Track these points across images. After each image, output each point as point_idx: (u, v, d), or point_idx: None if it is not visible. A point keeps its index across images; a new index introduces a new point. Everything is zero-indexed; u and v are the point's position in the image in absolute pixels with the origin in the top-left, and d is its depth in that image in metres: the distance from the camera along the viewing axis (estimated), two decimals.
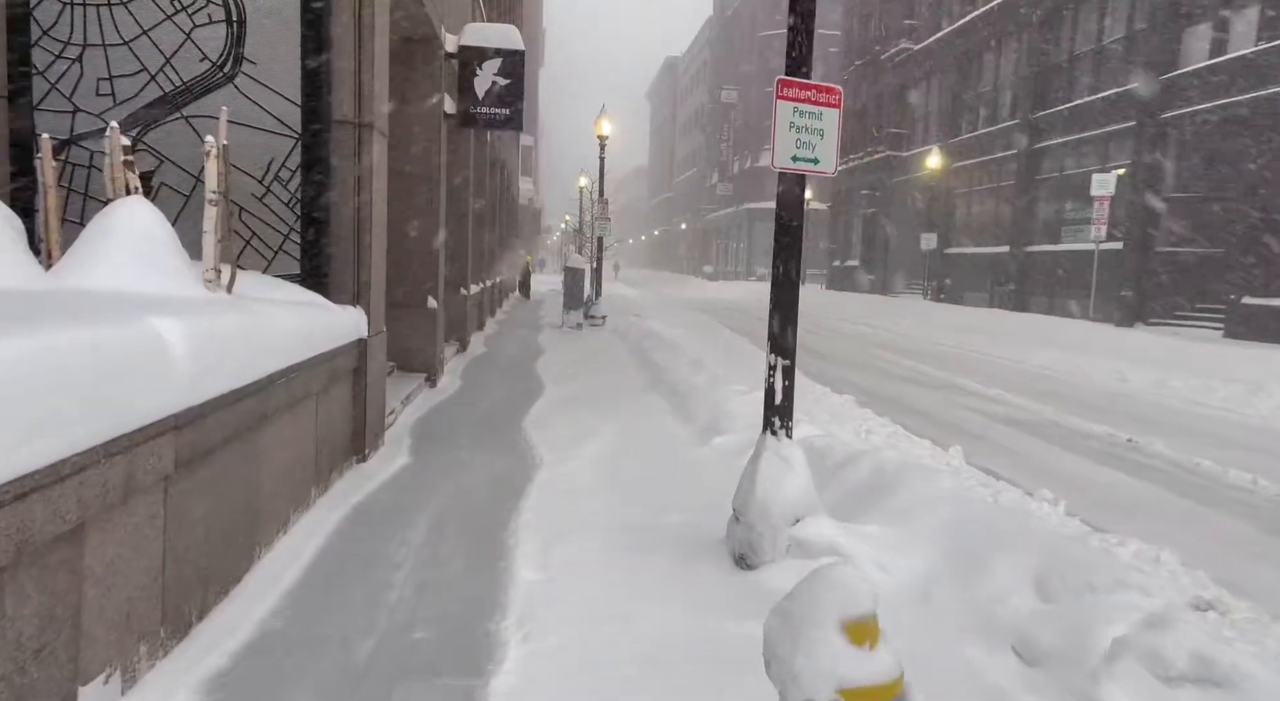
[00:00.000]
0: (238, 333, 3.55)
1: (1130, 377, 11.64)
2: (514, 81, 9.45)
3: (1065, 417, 8.93)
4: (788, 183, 4.02)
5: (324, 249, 5.58)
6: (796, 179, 4.04)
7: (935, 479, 4.77)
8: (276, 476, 4.12)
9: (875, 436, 7.34)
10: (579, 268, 18.31)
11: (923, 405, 9.50)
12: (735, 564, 4.14)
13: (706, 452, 6.61)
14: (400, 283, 9.24)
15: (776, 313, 4.12)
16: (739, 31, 64.21)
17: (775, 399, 4.15)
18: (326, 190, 5.57)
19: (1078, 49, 22.24)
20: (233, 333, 3.50)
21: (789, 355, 4.13)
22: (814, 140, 4.01)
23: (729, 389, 8.34)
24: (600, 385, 9.85)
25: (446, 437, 6.98)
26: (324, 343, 4.88)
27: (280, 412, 4.11)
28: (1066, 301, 21.75)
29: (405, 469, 5.91)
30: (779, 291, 4.10)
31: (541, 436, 7.04)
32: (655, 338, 14.09)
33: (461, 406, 8.43)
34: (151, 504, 2.76)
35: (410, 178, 9.26)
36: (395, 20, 8.22)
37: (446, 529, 4.64)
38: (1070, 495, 5.51)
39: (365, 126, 5.73)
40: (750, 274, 58.41)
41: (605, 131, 19.01)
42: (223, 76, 5.27)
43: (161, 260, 3.90)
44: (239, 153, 5.29)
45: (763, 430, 4.22)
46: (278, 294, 4.84)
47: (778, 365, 4.13)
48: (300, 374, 4.36)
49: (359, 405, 5.80)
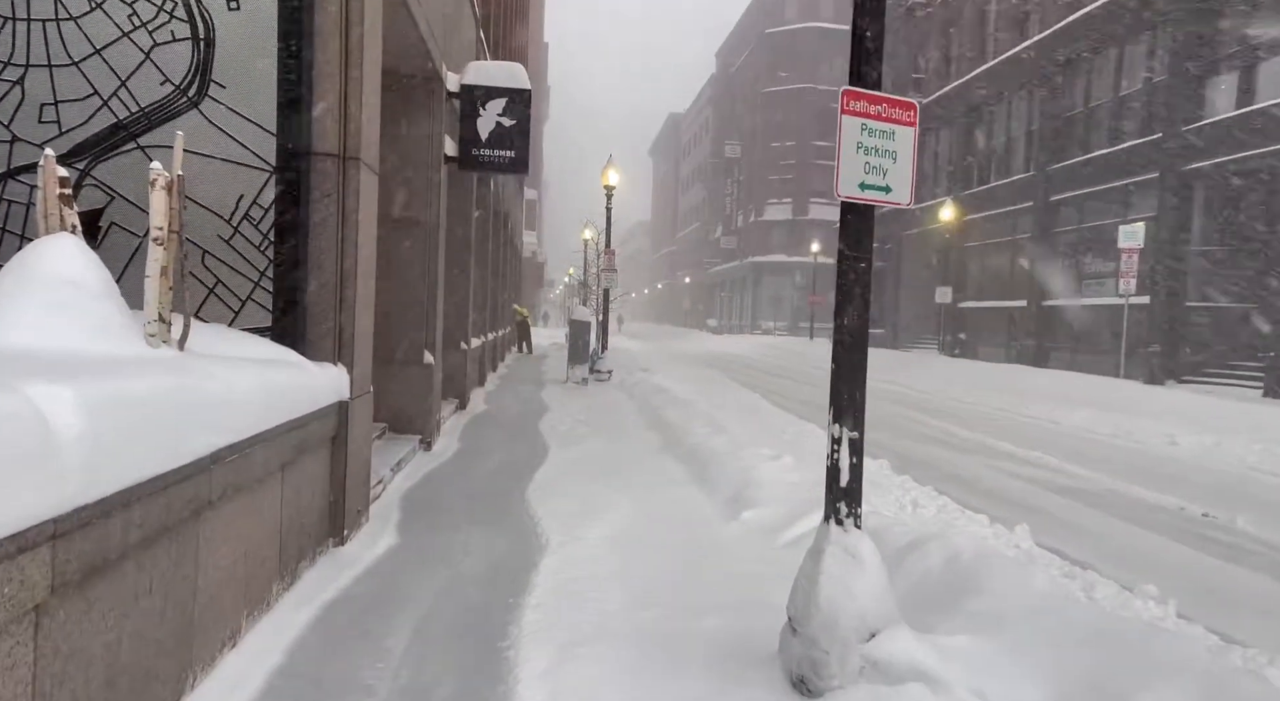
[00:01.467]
0: (168, 401, 2.79)
1: (1180, 440, 10.81)
2: (519, 122, 8.84)
3: (1123, 486, 8.10)
4: (853, 216, 3.29)
5: (300, 298, 4.85)
6: (863, 212, 3.31)
7: (1024, 575, 3.95)
8: (222, 577, 3.32)
9: (923, 509, 6.52)
10: (584, 320, 17.60)
11: (963, 471, 8.67)
12: (793, 687, 3.31)
13: (736, 530, 5.80)
14: (393, 336, 8.51)
15: (840, 374, 3.35)
16: (742, 87, 64.66)
17: (840, 479, 3.36)
18: (305, 232, 4.85)
19: (1095, 100, 21.83)
20: (160, 401, 2.74)
21: (857, 426, 3.35)
22: (885, 164, 3.29)
23: (753, 453, 7.55)
24: (609, 448, 9.05)
25: (440, 511, 6.16)
26: (293, 407, 4.12)
27: (230, 497, 3.32)
28: (1088, 357, 20.99)
29: (390, 553, 5.09)
30: (843, 348, 3.34)
31: (547, 510, 6.22)
32: (665, 394, 13.32)
33: (459, 473, 7.62)
34: (9, 649, 1.97)
35: (407, 223, 8.59)
36: (393, 55, 7.62)
37: (434, 637, 3.81)
38: (1169, 587, 4.68)
39: (351, 160, 5.04)
40: (755, 328, 57.83)
41: (612, 181, 18.47)
42: (187, 101, 4.59)
43: (88, 310, 3.17)
44: (204, 187, 4.59)
45: (824, 518, 3.42)
46: (243, 350, 4.10)
47: (843, 438, 3.35)
48: (259, 447, 3.58)
49: (338, 479, 5.01)
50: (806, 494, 6.21)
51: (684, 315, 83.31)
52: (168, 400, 2.81)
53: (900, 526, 5.09)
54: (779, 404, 14.18)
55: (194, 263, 4.58)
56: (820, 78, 56.65)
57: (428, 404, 8.69)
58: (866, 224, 3.32)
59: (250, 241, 4.73)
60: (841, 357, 3.36)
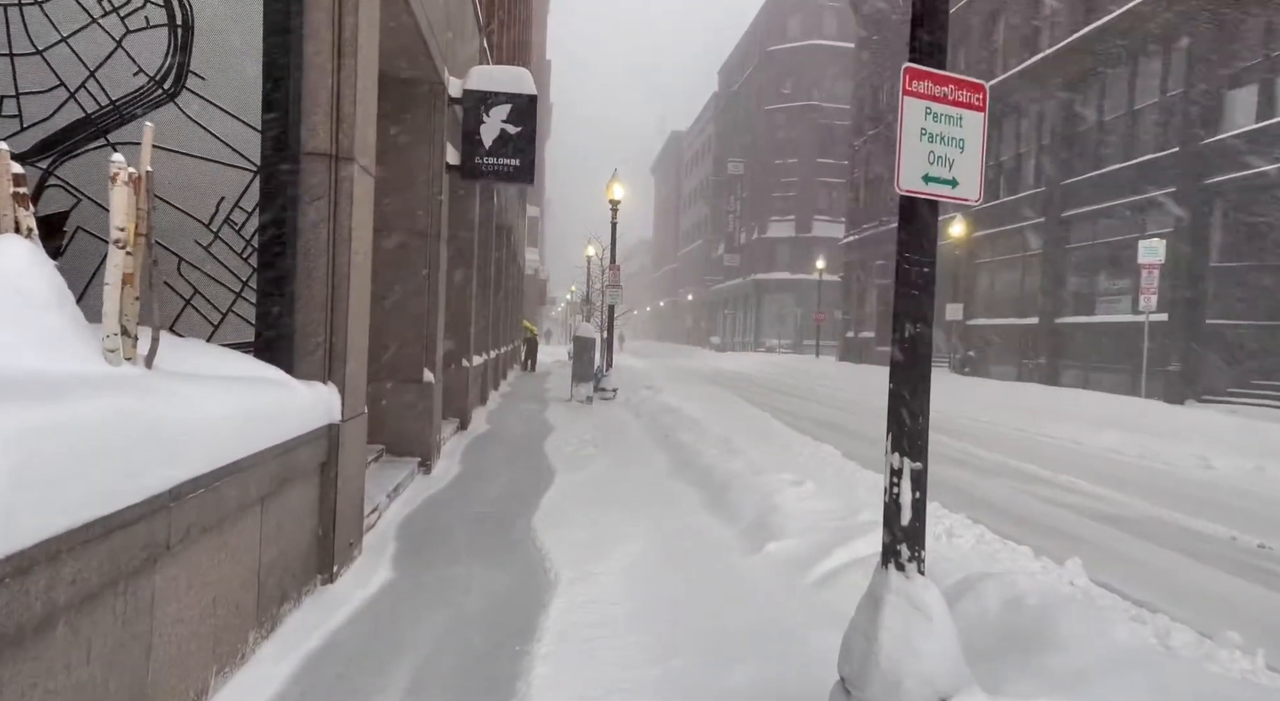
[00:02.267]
0: (118, 429, 2.36)
1: (1214, 463, 10.33)
2: (525, 129, 8.44)
3: (1165, 512, 7.62)
4: (916, 214, 2.86)
5: (287, 311, 4.42)
6: (927, 209, 2.87)
7: (1101, 623, 3.49)
8: (186, 632, 2.86)
9: (959, 539, 6.04)
10: (589, 337, 17.17)
11: (993, 496, 8.20)
12: None
13: (760, 563, 5.34)
14: (391, 353, 8.07)
15: (900, 394, 2.91)
16: (744, 105, 64.52)
17: (901, 517, 2.90)
18: (293, 238, 4.43)
19: (1108, 113, 21.47)
20: (107, 429, 2.30)
21: (920, 455, 2.90)
22: (951, 154, 2.87)
23: (773, 478, 7.09)
24: (618, 471, 8.59)
25: (440, 542, 5.70)
26: (277, 432, 3.68)
27: (194, 539, 2.88)
28: (1103, 375, 20.51)
29: (385, 591, 4.62)
30: (903, 363, 2.90)
31: (555, 540, 5.76)
32: (674, 413, 12.87)
33: (460, 499, 7.16)
34: None
35: (407, 234, 8.17)
36: (391, 54, 7.24)
37: (432, 694, 3.34)
38: (1247, 632, 4.21)
39: (345, 160, 4.62)
40: (759, 345, 57.37)
41: (617, 195, 18.08)
42: (162, 93, 4.18)
43: (35, 323, 2.76)
44: (180, 188, 4.17)
45: (882, 562, 2.96)
46: (221, 367, 3.66)
47: (904, 470, 2.90)
48: (233, 480, 3.14)
49: (327, 509, 4.55)
50: (834, 524, 5.76)
51: (686, 333, 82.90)
52: (118, 428, 2.37)
53: (945, 562, 4.64)
54: (790, 424, 13.71)
55: (168, 271, 4.15)
56: (823, 95, 56.52)
57: (427, 424, 8.24)
58: (930, 222, 2.89)
59: (232, 248, 4.30)
60: (901, 374, 2.92)
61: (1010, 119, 25.84)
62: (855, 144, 39.42)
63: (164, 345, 3.34)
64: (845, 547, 5.23)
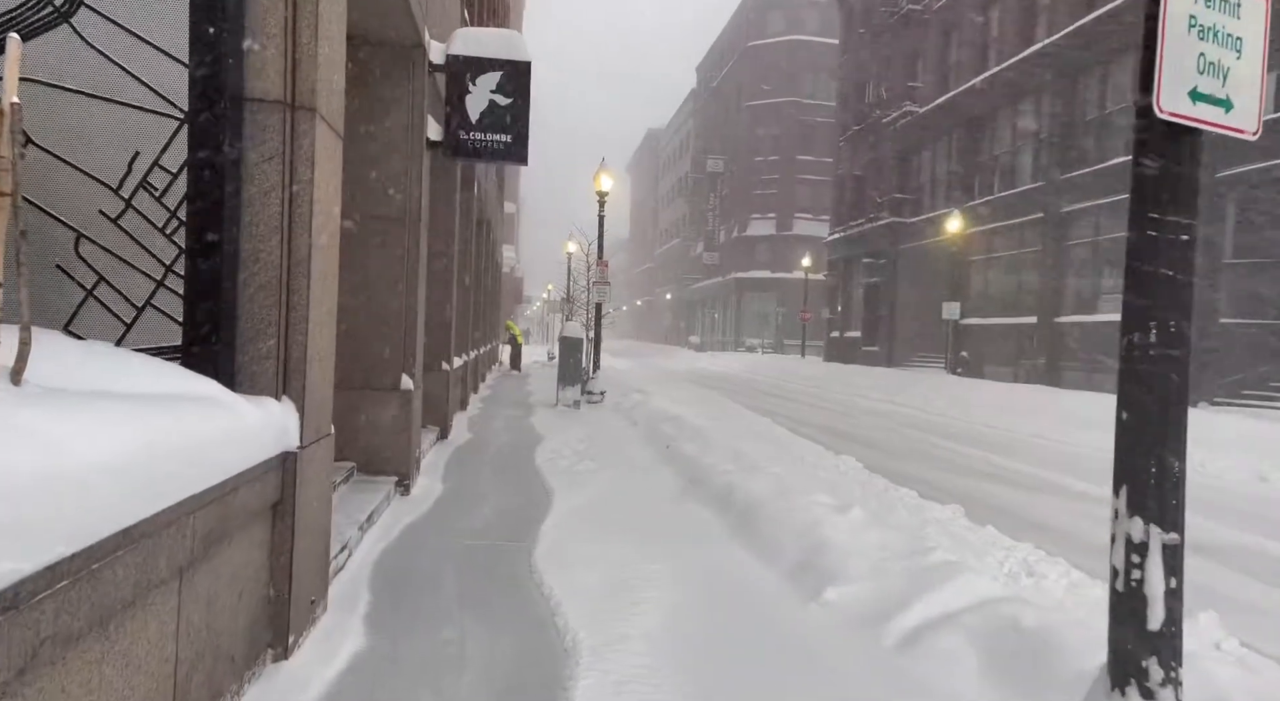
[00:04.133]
0: None
1: (1270, 476, 9.50)
2: (517, 102, 7.39)
3: (1249, 539, 6.74)
4: (1174, 151, 1.86)
5: (227, 304, 3.35)
6: (1190, 145, 1.88)
7: None
8: None
9: (1045, 580, 5.08)
10: (575, 337, 16.11)
11: (1050, 519, 7.26)
12: None
13: (820, 616, 4.35)
14: (363, 356, 7.00)
15: (1140, 429, 1.91)
16: (724, 102, 63.70)
17: (1147, 616, 1.91)
18: (235, 208, 3.37)
19: (1109, 106, 20.75)
20: None
21: (1176, 523, 1.91)
22: (1227, 59, 1.89)
23: (810, 502, 6.10)
24: (623, 489, 7.58)
25: (424, 590, 4.65)
26: (202, 473, 2.62)
27: (52, 661, 1.82)
28: (1105, 376, 19.78)
29: (353, 667, 3.57)
30: (1146, 382, 1.91)
31: (565, 586, 4.73)
32: (673, 421, 11.86)
33: (446, 528, 6.11)
34: None
35: (383, 220, 7.09)
36: (364, 12, 6.16)
37: None
38: None
39: (303, 110, 3.56)
40: (739, 345, 56.54)
41: (605, 187, 17.04)
42: (53, 12, 3.10)
43: None
44: (77, 140, 3.10)
45: (1112, 684, 1.96)
46: (132, 381, 2.61)
47: (1151, 542, 1.90)
48: (125, 555, 2.09)
49: (280, 564, 3.49)
50: (901, 563, 4.77)
51: (664, 332, 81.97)
52: None
53: (1073, 627, 3.65)
54: (796, 430, 12.75)
55: (61, 250, 3.08)
56: (804, 91, 55.79)
57: (406, 438, 7.17)
58: (1191, 164, 1.90)
59: (150, 221, 3.23)
60: (1139, 398, 1.93)
61: (1006, 113, 25.10)
62: (839, 141, 38.64)
63: (55, 350, 2.33)
64: (928, 598, 4.24)
